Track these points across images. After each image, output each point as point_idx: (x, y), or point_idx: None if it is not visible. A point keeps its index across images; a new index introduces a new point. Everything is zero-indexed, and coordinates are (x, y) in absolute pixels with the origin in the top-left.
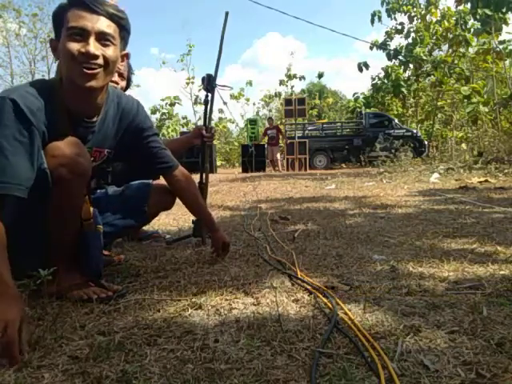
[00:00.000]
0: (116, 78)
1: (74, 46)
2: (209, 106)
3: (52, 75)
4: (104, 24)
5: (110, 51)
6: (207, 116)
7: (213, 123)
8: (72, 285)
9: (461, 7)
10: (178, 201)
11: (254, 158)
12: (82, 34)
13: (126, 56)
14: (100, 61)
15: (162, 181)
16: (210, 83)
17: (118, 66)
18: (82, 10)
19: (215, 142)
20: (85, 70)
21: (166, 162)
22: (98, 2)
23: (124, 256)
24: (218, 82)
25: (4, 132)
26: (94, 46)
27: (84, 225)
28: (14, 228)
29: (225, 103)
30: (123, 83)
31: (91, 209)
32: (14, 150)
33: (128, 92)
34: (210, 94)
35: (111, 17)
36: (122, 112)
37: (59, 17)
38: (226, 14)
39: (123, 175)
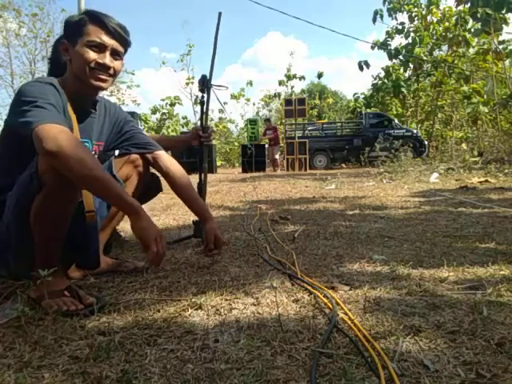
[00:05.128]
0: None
1: (92, 56)
2: (205, 107)
3: None
4: (118, 43)
5: (119, 64)
6: (203, 116)
7: (213, 123)
8: (48, 292)
9: (461, 7)
10: (177, 200)
11: (253, 158)
12: (100, 48)
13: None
14: (111, 71)
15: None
16: (204, 84)
17: None
18: (101, 28)
19: (215, 141)
20: (99, 75)
21: (149, 143)
22: (113, 23)
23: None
24: (216, 82)
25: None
26: (109, 59)
27: (87, 216)
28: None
29: (223, 104)
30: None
31: (91, 198)
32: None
33: (128, 92)
34: (205, 95)
35: (121, 39)
36: (108, 110)
37: (77, 26)
38: (219, 14)
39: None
